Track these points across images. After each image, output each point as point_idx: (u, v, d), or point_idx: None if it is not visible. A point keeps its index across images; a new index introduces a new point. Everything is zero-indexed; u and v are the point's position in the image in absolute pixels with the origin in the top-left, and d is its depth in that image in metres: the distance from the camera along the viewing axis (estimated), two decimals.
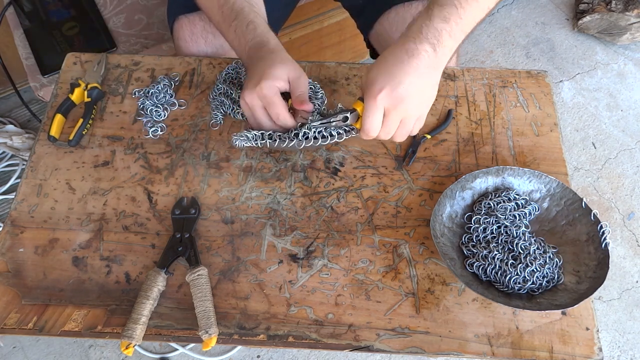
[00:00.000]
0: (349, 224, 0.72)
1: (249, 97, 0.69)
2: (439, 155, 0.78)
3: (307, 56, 1.56)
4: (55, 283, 0.68)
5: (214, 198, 0.74)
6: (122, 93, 0.84)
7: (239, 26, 0.75)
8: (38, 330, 0.64)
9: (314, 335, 0.64)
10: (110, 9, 1.26)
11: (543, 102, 0.83)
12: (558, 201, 0.71)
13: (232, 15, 0.75)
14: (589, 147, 1.67)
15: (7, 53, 1.32)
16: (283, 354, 1.34)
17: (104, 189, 0.75)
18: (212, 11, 0.79)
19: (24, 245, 0.70)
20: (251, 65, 0.73)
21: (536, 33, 1.94)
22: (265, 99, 0.69)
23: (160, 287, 0.65)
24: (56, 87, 0.85)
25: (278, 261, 0.69)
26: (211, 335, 0.62)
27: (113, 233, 0.71)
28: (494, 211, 0.70)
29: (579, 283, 0.64)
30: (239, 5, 0.76)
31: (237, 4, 0.76)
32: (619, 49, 1.89)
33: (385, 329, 0.65)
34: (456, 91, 0.84)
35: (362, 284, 0.68)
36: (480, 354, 0.63)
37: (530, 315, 0.65)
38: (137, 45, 1.20)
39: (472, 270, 0.67)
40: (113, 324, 0.65)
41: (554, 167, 0.77)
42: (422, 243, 0.71)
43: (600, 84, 1.81)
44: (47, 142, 0.79)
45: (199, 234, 0.71)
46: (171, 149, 0.79)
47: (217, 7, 0.78)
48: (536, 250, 0.67)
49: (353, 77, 0.86)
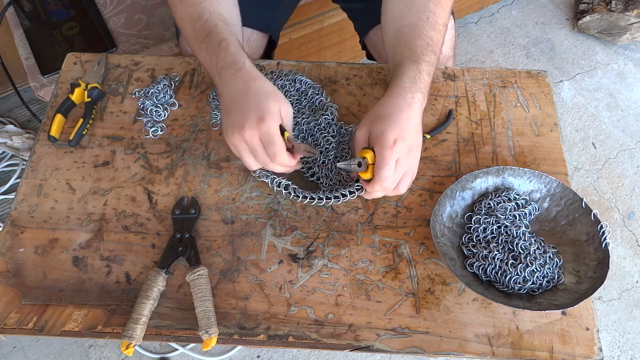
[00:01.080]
0: (349, 224, 0.72)
1: (248, 132, 0.64)
2: (439, 155, 0.78)
3: (307, 56, 1.56)
4: (55, 283, 0.68)
5: (214, 198, 0.74)
6: (122, 93, 0.84)
7: (210, 44, 0.70)
8: (38, 330, 0.64)
9: (314, 335, 0.64)
10: (110, 9, 1.26)
11: (543, 102, 0.83)
12: (558, 201, 0.71)
13: (204, 32, 0.71)
14: (589, 147, 1.67)
15: (7, 53, 1.32)
16: (283, 354, 1.34)
17: (104, 189, 0.75)
18: (184, 27, 0.75)
19: (24, 245, 0.70)
20: (228, 90, 0.68)
21: (536, 33, 1.94)
22: (267, 137, 0.64)
23: (160, 287, 0.65)
24: (56, 87, 0.85)
25: (278, 261, 0.69)
26: (211, 335, 0.62)
27: (113, 233, 0.71)
28: (494, 211, 0.70)
29: (579, 283, 0.64)
30: (211, 23, 0.72)
31: (210, 22, 0.72)
32: (619, 49, 1.89)
33: (385, 329, 0.65)
34: (456, 91, 0.84)
35: (362, 284, 0.68)
36: (480, 354, 0.63)
37: (530, 315, 0.65)
38: (137, 45, 1.20)
39: (472, 270, 0.67)
40: (113, 324, 0.65)
41: (554, 167, 0.77)
42: (422, 243, 0.71)
43: (600, 84, 1.81)
44: (47, 142, 0.79)
45: (199, 234, 0.71)
46: (171, 149, 0.79)
47: (189, 24, 0.74)
48: (536, 250, 0.67)
49: (353, 77, 0.86)
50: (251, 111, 0.65)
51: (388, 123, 0.65)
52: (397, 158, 0.64)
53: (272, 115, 0.64)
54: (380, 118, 0.66)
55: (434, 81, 0.84)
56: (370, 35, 1.01)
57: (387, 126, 0.65)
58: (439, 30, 0.74)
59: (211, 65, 0.71)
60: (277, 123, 0.65)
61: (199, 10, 0.74)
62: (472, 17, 1.97)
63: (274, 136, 0.64)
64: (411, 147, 0.66)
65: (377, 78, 0.86)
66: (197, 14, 0.73)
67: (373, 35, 0.99)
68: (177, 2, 0.76)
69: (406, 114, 0.66)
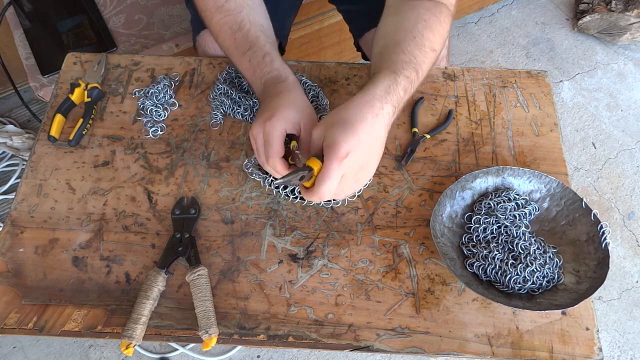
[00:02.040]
0: (349, 224, 0.72)
1: (256, 129, 0.66)
2: (439, 155, 0.78)
3: (307, 56, 1.56)
4: (55, 283, 0.68)
5: (214, 198, 0.74)
6: (122, 93, 0.84)
7: (254, 57, 0.71)
8: (38, 330, 0.64)
9: (314, 335, 0.64)
10: (110, 9, 1.26)
11: (543, 102, 0.83)
12: (558, 201, 0.71)
13: (247, 45, 0.72)
14: (589, 147, 1.67)
15: (7, 53, 1.32)
16: (283, 354, 1.34)
17: (104, 189, 0.75)
18: (222, 36, 0.75)
19: (24, 245, 0.70)
20: (266, 97, 0.69)
21: (536, 33, 1.94)
22: (267, 136, 0.64)
23: (160, 287, 0.65)
24: (56, 87, 0.85)
25: (278, 261, 0.69)
26: (211, 335, 0.62)
27: (113, 233, 0.71)
28: (494, 211, 0.70)
29: (579, 283, 0.64)
30: (253, 34, 0.73)
31: (252, 33, 0.73)
32: (619, 49, 1.89)
33: (385, 329, 0.65)
34: (456, 91, 0.84)
35: (362, 284, 0.68)
36: (480, 354, 0.63)
37: (530, 315, 0.65)
38: (137, 45, 1.20)
39: (472, 270, 0.67)
40: (113, 324, 0.65)
41: (554, 167, 0.77)
42: (422, 243, 0.71)
43: (600, 84, 1.81)
44: (47, 142, 0.79)
45: (199, 234, 0.71)
46: (171, 149, 0.79)
47: (229, 33, 0.74)
48: (536, 250, 0.67)
49: (353, 77, 0.86)
50: (266, 111, 0.65)
51: (345, 132, 0.59)
52: (344, 173, 0.60)
53: (280, 117, 0.64)
54: (338, 124, 0.60)
55: (434, 81, 0.84)
56: (366, 37, 1.00)
57: (342, 135, 0.58)
58: (424, 52, 0.69)
59: (254, 76, 0.72)
60: (281, 126, 0.64)
61: (239, 20, 0.74)
62: (472, 17, 1.97)
63: (272, 137, 0.64)
64: (364, 164, 0.61)
65: None
66: (237, 24, 0.74)
67: (368, 36, 0.99)
68: (214, 10, 0.75)
69: (369, 125, 0.60)
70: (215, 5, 0.75)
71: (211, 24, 0.77)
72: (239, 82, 0.84)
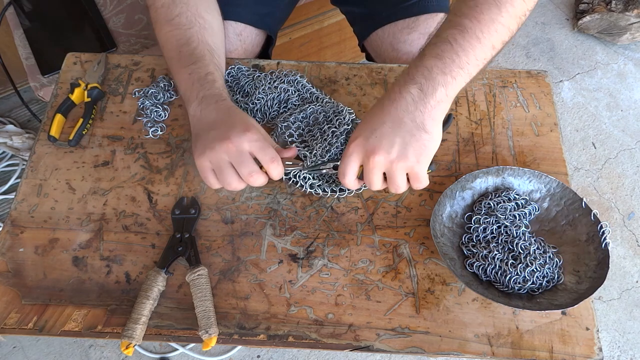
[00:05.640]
0: (349, 224, 0.72)
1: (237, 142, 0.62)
2: (439, 155, 0.78)
3: (307, 56, 1.56)
4: (55, 283, 0.68)
5: (214, 198, 0.74)
6: (122, 93, 0.84)
7: (196, 72, 0.71)
8: (38, 330, 0.64)
9: (314, 335, 0.64)
10: (110, 9, 1.26)
11: (543, 102, 0.83)
12: (558, 201, 0.71)
13: (191, 59, 0.72)
14: (589, 147, 1.68)
15: (7, 53, 1.33)
16: (283, 354, 1.34)
17: (104, 189, 0.75)
18: (168, 47, 0.75)
19: (24, 245, 0.70)
20: (210, 115, 0.67)
21: (536, 33, 1.94)
22: (258, 144, 0.63)
23: (160, 287, 0.65)
24: (56, 87, 0.85)
25: (278, 261, 0.69)
26: (211, 335, 0.62)
27: (113, 233, 0.71)
28: (494, 211, 0.70)
29: (579, 283, 0.64)
30: (200, 52, 0.73)
31: (198, 50, 0.73)
32: (619, 49, 1.89)
33: (385, 329, 0.65)
34: None
35: (362, 284, 0.68)
36: (480, 354, 0.63)
37: (530, 315, 0.65)
38: (137, 45, 1.20)
39: (472, 270, 0.67)
40: (113, 323, 0.65)
41: (554, 167, 0.77)
42: (422, 243, 0.71)
43: (600, 84, 1.81)
44: (47, 142, 0.79)
45: (199, 234, 0.71)
46: (171, 149, 0.79)
47: (175, 45, 0.74)
48: (536, 250, 0.67)
49: (353, 77, 0.86)
50: (237, 124, 0.64)
51: (364, 119, 0.63)
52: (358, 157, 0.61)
53: (254, 124, 0.66)
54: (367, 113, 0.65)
55: None
56: (371, 39, 1.00)
57: (361, 123, 0.63)
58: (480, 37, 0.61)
59: (191, 89, 0.70)
60: (261, 129, 0.66)
61: (187, 35, 0.74)
62: None
63: (266, 139, 0.65)
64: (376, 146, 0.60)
65: (377, 78, 0.86)
66: (185, 39, 0.74)
67: (374, 37, 0.99)
68: (164, 22, 0.76)
69: (382, 111, 0.61)
70: (166, 18, 0.76)
71: (160, 35, 0.77)
72: (238, 84, 0.84)
